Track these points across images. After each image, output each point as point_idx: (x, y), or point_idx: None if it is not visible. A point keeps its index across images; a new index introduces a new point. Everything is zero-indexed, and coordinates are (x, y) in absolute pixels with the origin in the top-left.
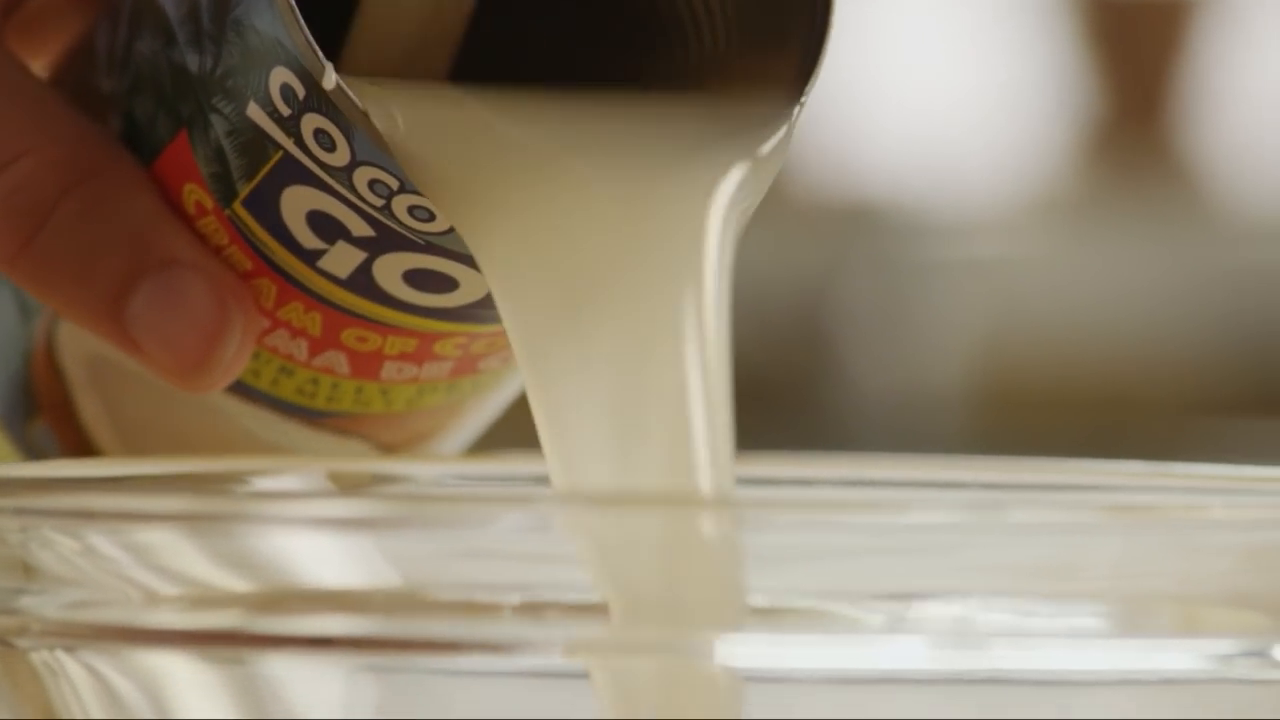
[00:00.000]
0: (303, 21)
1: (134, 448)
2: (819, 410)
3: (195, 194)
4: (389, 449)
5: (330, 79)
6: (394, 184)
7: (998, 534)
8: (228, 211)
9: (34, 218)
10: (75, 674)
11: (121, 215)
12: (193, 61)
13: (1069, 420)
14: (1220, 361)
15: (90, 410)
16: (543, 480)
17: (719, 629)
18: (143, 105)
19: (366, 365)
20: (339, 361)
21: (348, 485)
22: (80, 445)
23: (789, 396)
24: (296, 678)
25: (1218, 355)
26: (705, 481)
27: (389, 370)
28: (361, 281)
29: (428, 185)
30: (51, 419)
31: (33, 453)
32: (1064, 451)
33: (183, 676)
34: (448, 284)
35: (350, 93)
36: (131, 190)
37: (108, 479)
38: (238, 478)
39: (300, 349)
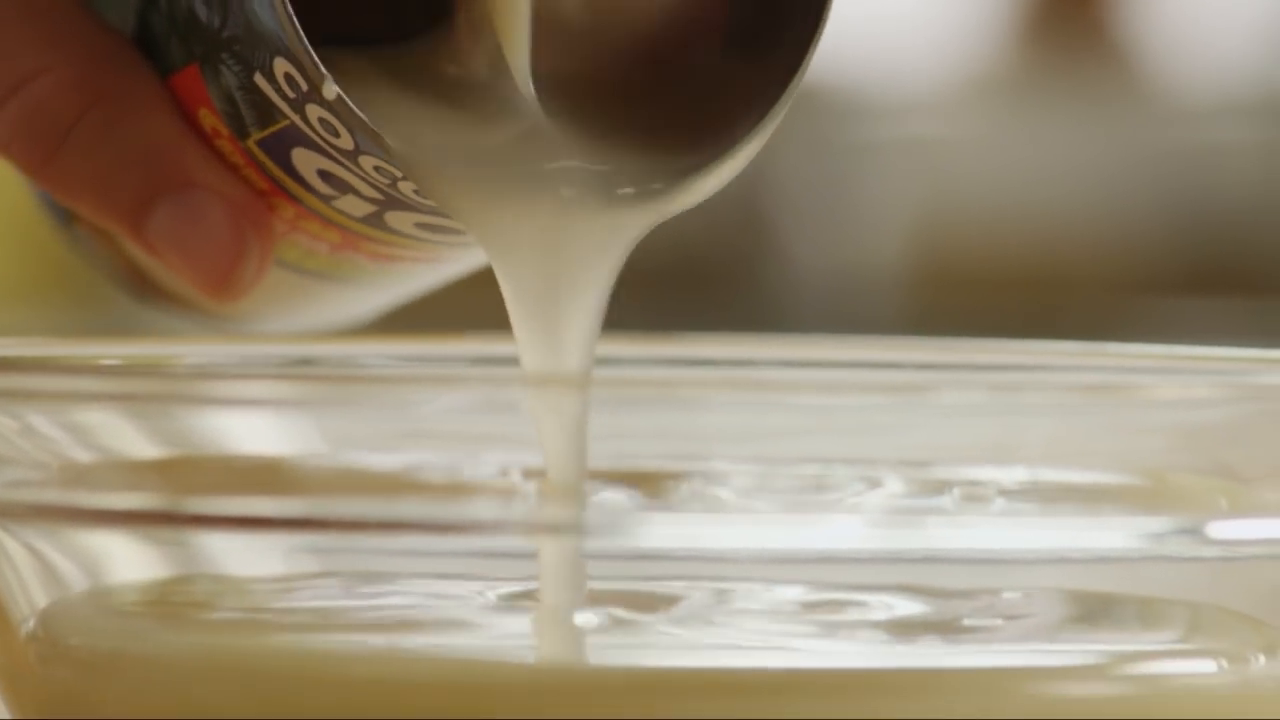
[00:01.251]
0: (304, 35)
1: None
2: (758, 291)
3: (209, 119)
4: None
5: (330, 90)
6: (398, 173)
7: (934, 414)
8: (243, 144)
9: (52, 137)
10: (15, 552)
11: (138, 136)
12: (201, 11)
13: (1005, 300)
14: (1155, 241)
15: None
16: (479, 361)
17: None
18: (158, 25)
19: (385, 260)
20: (358, 259)
21: (286, 365)
22: (113, 253)
23: (728, 277)
24: (235, 558)
25: (1153, 235)
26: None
27: (406, 263)
28: (375, 222)
29: (428, 190)
30: (86, 226)
31: (77, 247)
32: (1000, 331)
33: (122, 556)
34: (459, 232)
35: (351, 103)
36: (147, 111)
37: (47, 359)
38: (178, 359)
39: (320, 249)
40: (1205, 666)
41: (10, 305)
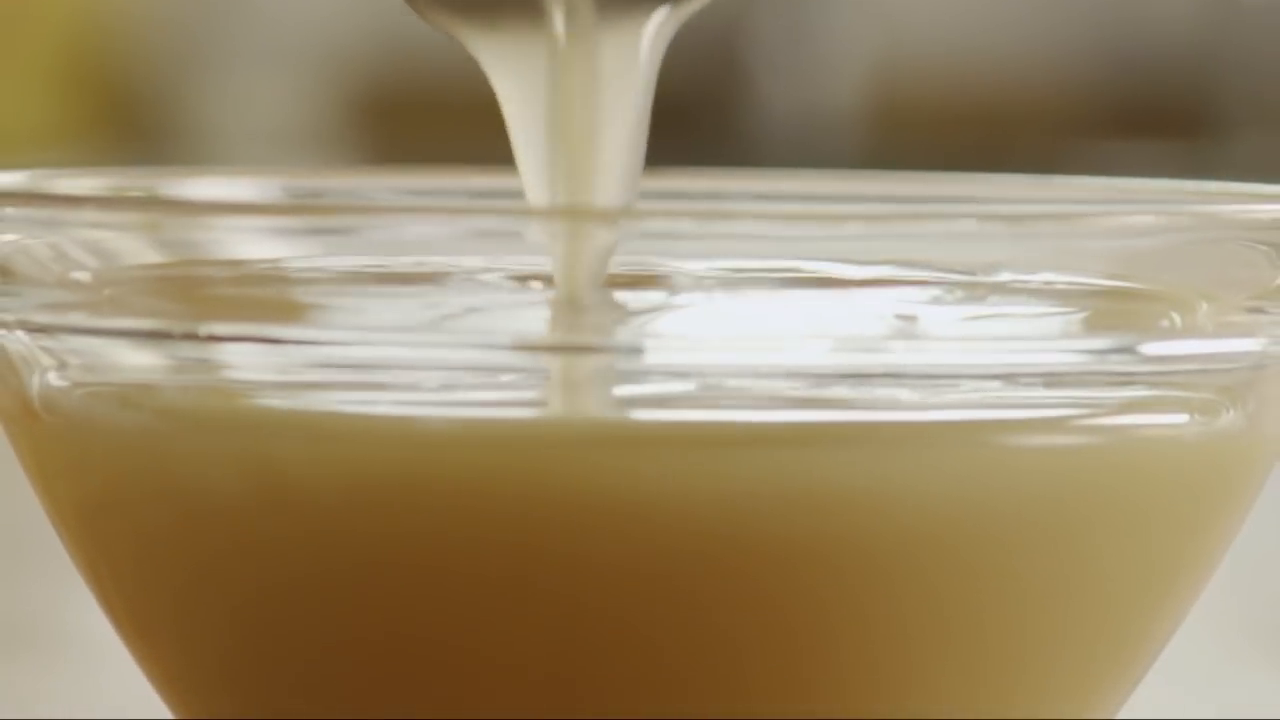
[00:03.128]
0: None
1: None
2: (729, 130)
3: None
4: None
5: None
6: None
7: (891, 240)
8: None
9: None
10: (49, 366)
11: None
12: None
13: (955, 137)
14: (1094, 84)
15: None
16: (479, 194)
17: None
18: None
19: None
20: None
21: (303, 197)
22: None
23: (703, 117)
24: (257, 376)
25: (1091, 78)
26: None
27: None
28: None
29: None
30: None
31: None
32: (950, 166)
33: (151, 375)
34: None
35: None
36: None
37: (78, 195)
38: (197, 191)
39: None
40: (1177, 418)
41: (53, 145)
